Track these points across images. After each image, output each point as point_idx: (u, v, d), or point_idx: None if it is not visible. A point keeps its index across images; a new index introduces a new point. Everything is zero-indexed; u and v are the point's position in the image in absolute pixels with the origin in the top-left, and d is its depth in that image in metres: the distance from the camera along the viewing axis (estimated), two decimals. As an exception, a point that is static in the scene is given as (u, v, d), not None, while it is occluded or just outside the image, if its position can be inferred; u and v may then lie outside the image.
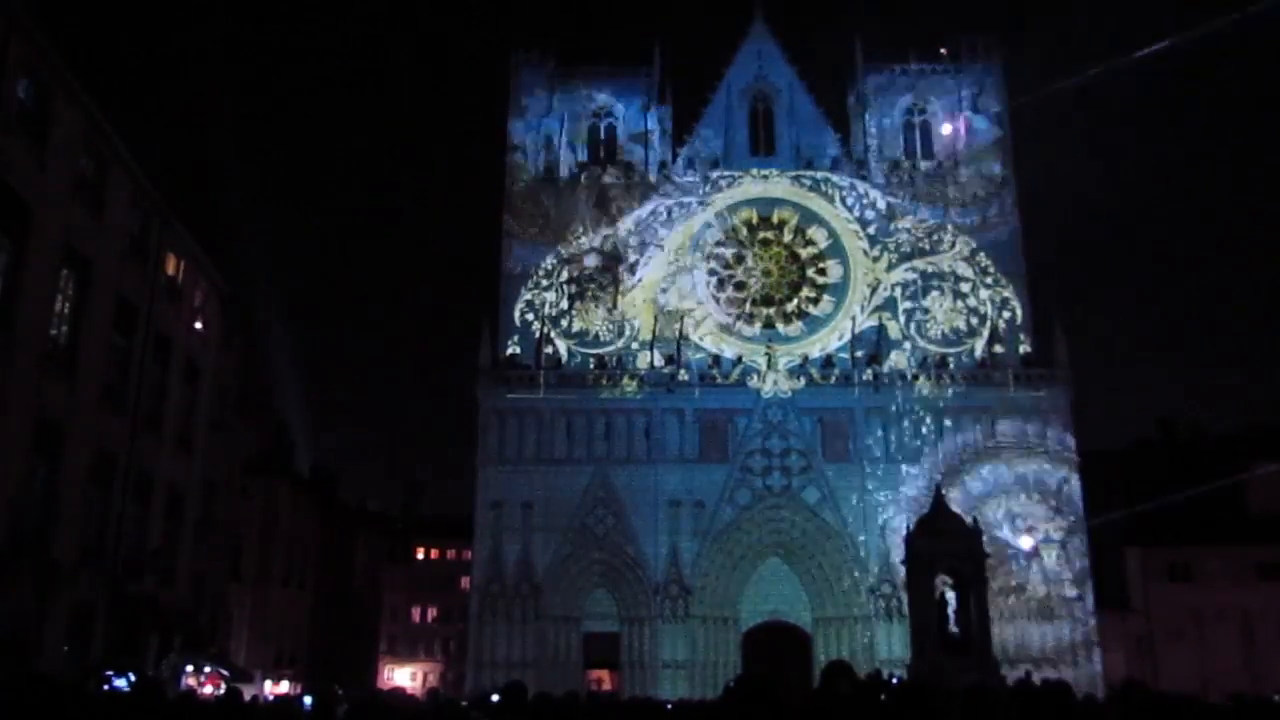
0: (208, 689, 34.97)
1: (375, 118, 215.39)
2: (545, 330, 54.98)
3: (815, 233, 57.20)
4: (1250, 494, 58.14)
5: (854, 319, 54.83)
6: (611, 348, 55.04)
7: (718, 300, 56.44)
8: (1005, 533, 50.47)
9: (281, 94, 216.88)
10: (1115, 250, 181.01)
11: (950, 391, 52.95)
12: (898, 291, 55.52)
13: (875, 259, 56.15)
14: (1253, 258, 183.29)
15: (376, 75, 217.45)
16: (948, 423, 52.55)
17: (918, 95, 59.17)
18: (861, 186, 57.22)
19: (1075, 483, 51.74)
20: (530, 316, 55.48)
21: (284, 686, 53.91)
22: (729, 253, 57.38)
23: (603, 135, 59.52)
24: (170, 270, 32.57)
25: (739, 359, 54.20)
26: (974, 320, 55.07)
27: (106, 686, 20.86)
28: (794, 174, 57.72)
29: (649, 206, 57.26)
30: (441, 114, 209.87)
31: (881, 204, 56.93)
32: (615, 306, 55.71)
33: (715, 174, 57.74)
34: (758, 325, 55.84)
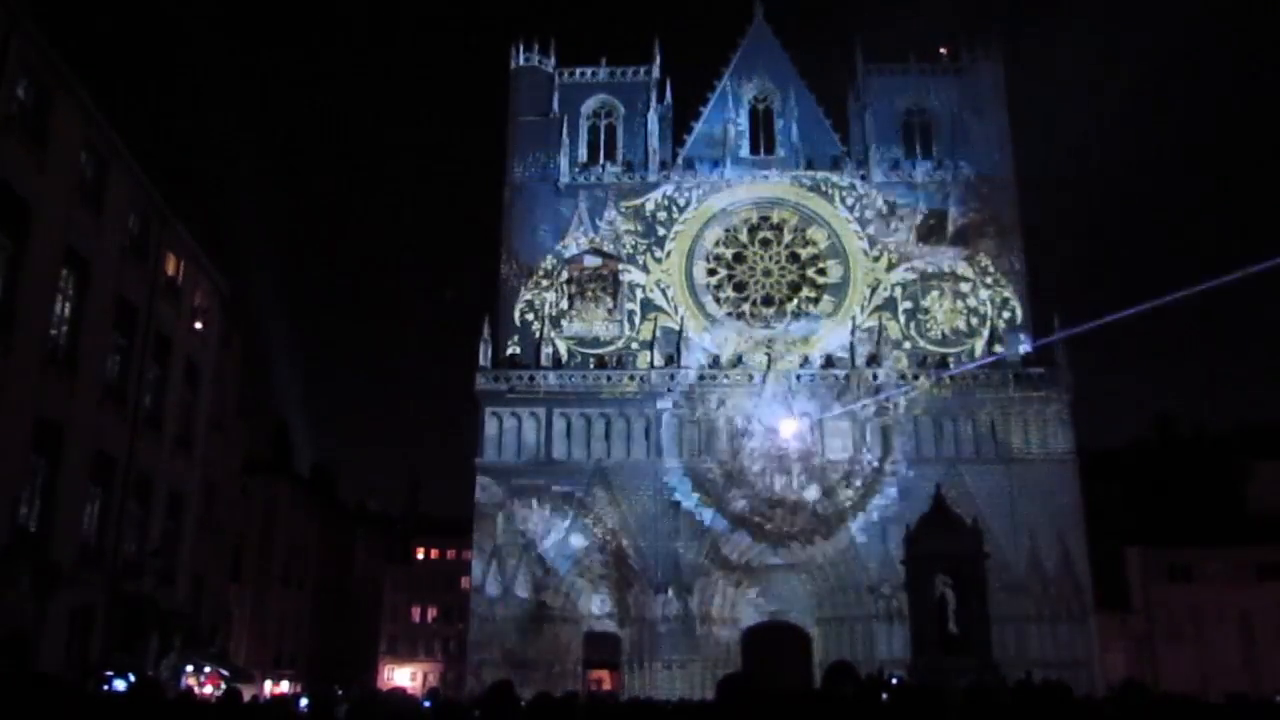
0: (208, 689, 34.96)
1: (375, 117, 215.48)
2: (545, 330, 55.00)
3: (815, 233, 57.20)
4: (1250, 494, 58.16)
5: (854, 319, 54.82)
6: (611, 348, 55.04)
7: (718, 300, 56.45)
8: (1005, 532, 50.41)
9: (282, 93, 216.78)
10: (1115, 250, 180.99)
11: (950, 392, 52.93)
12: (898, 291, 55.54)
13: (875, 259, 56.16)
14: (1253, 257, 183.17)
15: (377, 74, 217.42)
16: (947, 423, 52.54)
17: (918, 95, 59.18)
18: (861, 186, 57.25)
19: (1075, 483, 51.68)
20: (530, 316, 55.50)
21: (284, 686, 53.88)
22: (729, 253, 57.39)
23: (603, 134, 59.54)
24: (170, 270, 32.54)
25: (739, 359, 54.18)
26: (974, 320, 55.08)
27: (106, 686, 20.87)
28: (794, 174, 57.73)
29: (649, 206, 57.26)
30: (442, 113, 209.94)
31: (881, 204, 56.94)
32: (615, 306, 55.72)
33: (715, 173, 57.74)
34: (758, 325, 55.85)
